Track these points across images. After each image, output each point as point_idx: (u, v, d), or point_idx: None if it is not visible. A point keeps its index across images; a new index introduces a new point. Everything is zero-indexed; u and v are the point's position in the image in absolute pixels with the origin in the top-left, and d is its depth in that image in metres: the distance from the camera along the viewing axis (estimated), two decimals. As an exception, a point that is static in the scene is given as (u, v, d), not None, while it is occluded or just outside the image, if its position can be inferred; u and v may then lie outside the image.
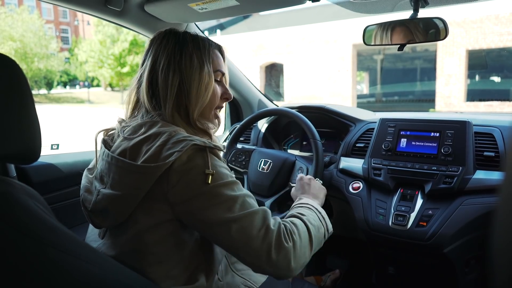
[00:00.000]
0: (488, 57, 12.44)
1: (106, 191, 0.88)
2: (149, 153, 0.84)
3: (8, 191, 0.62)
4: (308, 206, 1.07)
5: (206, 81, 0.96)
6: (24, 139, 0.65)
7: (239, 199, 0.85)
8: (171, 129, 0.88)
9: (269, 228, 0.85)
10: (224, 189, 0.84)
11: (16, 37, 25.24)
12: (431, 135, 1.43)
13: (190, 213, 0.84)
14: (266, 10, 1.56)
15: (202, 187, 0.83)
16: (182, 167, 0.82)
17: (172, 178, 0.82)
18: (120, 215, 0.86)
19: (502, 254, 0.27)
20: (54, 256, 0.57)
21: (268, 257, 0.84)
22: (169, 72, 0.94)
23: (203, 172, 0.83)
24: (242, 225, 0.83)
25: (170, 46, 0.96)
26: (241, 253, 0.85)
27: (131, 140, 0.89)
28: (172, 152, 0.82)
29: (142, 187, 0.82)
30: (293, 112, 1.63)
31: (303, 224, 0.96)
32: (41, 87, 29.35)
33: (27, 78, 0.66)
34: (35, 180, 1.43)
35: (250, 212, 0.85)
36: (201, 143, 0.85)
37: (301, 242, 0.91)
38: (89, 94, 29.42)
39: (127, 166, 0.85)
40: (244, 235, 0.83)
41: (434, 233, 1.25)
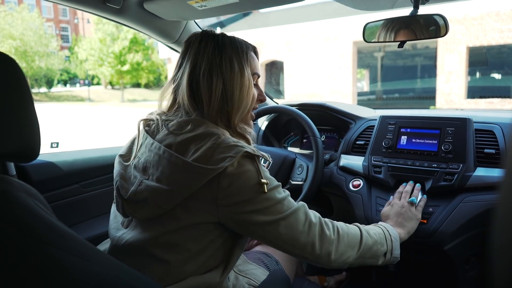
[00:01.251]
0: (488, 54, 12.42)
1: (150, 183, 0.88)
2: (199, 153, 0.85)
3: (8, 190, 0.62)
4: (378, 225, 1.13)
5: (247, 86, 0.97)
6: (24, 138, 0.65)
7: (285, 200, 0.92)
8: (219, 132, 0.90)
9: (311, 222, 0.93)
10: (274, 193, 0.90)
11: (16, 35, 25.23)
12: (432, 133, 1.43)
13: (239, 214, 0.87)
14: (266, 8, 1.55)
15: (256, 193, 0.87)
16: (234, 171, 0.84)
17: (224, 182, 0.84)
18: (160, 209, 0.87)
19: (502, 252, 0.26)
20: (54, 255, 0.57)
21: (312, 249, 0.92)
22: (212, 77, 0.93)
23: (256, 180, 0.87)
24: (289, 221, 0.90)
25: (209, 50, 0.95)
26: (288, 246, 0.92)
27: (177, 135, 0.90)
28: (225, 156, 0.84)
29: (192, 186, 0.84)
30: (293, 109, 1.63)
31: (357, 230, 1.03)
32: (41, 85, 29.37)
33: (26, 77, 0.66)
34: (35, 179, 1.43)
35: (295, 209, 0.92)
36: (251, 151, 0.87)
37: (347, 240, 0.98)
38: (89, 92, 29.43)
39: (180, 163, 0.85)
40: (291, 231, 0.90)
41: (435, 231, 1.25)
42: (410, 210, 1.24)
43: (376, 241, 1.04)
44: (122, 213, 0.95)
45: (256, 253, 1.31)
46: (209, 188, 0.84)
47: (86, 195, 1.61)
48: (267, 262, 1.25)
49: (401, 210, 1.23)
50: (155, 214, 0.88)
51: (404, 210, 1.23)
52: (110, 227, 1.03)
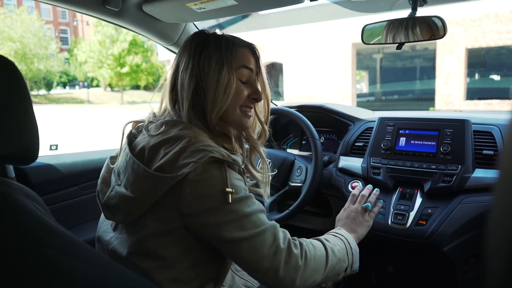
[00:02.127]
0: (487, 56, 12.43)
1: (119, 189, 0.88)
2: (165, 159, 0.82)
3: (6, 192, 0.62)
4: (340, 237, 1.07)
5: (225, 82, 0.92)
6: (22, 140, 0.65)
7: (252, 217, 0.84)
8: (192, 134, 0.86)
9: (278, 247, 0.85)
10: (239, 205, 0.83)
11: (15, 38, 25.23)
12: (430, 134, 1.43)
13: (201, 225, 0.83)
14: (265, 10, 1.55)
15: (217, 203, 0.81)
16: (196, 177, 0.81)
17: (186, 189, 0.81)
18: (130, 215, 0.86)
19: (496, 252, 0.27)
20: (53, 257, 0.57)
21: (275, 275, 0.84)
22: (186, 73, 0.92)
23: (220, 188, 0.82)
24: (253, 244, 0.83)
25: (192, 47, 0.95)
26: (249, 268, 0.86)
27: (152, 138, 0.89)
28: (188, 162, 0.80)
29: (154, 194, 0.82)
30: (292, 111, 1.63)
31: (323, 250, 0.96)
32: (40, 87, 29.37)
33: (25, 79, 0.66)
34: (34, 181, 1.43)
35: (262, 230, 0.84)
36: (219, 156, 0.82)
37: (313, 264, 0.91)
38: (89, 95, 29.43)
39: (141, 171, 0.84)
40: (254, 254, 0.83)
41: (434, 232, 1.25)
42: (362, 216, 1.20)
43: (339, 259, 0.99)
44: (105, 216, 0.94)
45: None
46: (172, 194, 0.81)
47: (85, 197, 1.61)
48: None
49: (354, 215, 1.20)
50: (129, 220, 0.87)
51: (357, 215, 1.20)
52: (99, 229, 1.02)
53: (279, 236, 0.87)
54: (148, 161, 0.85)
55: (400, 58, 15.71)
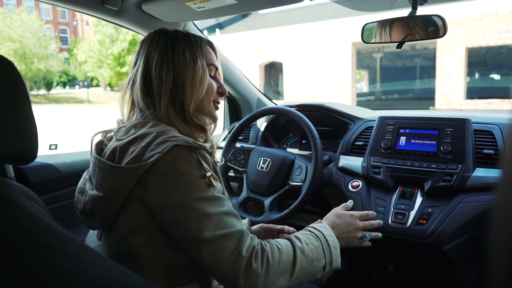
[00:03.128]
0: (487, 55, 12.44)
1: (92, 192, 0.89)
2: (133, 154, 0.83)
3: (5, 192, 0.62)
4: (316, 234, 1.00)
5: (200, 75, 0.96)
6: (21, 140, 0.65)
7: (215, 218, 0.82)
8: (159, 129, 0.86)
9: (240, 254, 0.82)
10: (201, 204, 0.81)
11: (15, 37, 25.24)
12: (430, 133, 1.43)
13: (166, 220, 0.83)
14: (264, 9, 1.55)
15: (178, 198, 0.80)
16: (164, 169, 0.80)
17: (151, 180, 0.81)
18: (104, 217, 0.87)
19: (499, 252, 0.26)
20: (52, 257, 0.57)
21: (235, 282, 0.82)
22: (162, 68, 0.93)
23: (184, 181, 0.81)
24: (214, 248, 0.81)
25: (161, 43, 0.96)
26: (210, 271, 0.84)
27: (121, 141, 0.89)
28: (154, 153, 0.80)
29: (122, 189, 0.82)
30: (292, 110, 1.63)
31: (291, 252, 0.91)
32: (40, 87, 29.38)
33: (24, 79, 0.66)
34: (33, 181, 1.43)
35: (224, 235, 0.82)
36: (184, 143, 0.82)
37: (277, 269, 0.86)
38: (89, 94, 29.43)
39: (107, 168, 0.85)
40: (214, 259, 0.81)
41: (434, 231, 1.25)
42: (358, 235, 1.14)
43: (312, 259, 0.93)
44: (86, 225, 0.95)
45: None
46: (140, 187, 0.82)
47: (85, 197, 1.61)
48: None
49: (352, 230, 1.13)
50: (104, 224, 0.89)
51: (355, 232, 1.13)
52: (87, 240, 1.02)
53: (244, 244, 0.83)
54: (118, 161, 0.86)
55: (400, 57, 15.72)
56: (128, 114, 1.01)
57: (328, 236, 1.01)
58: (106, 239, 0.93)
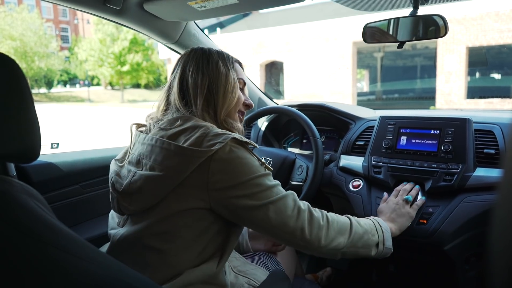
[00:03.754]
0: (488, 54, 12.42)
1: (144, 172, 0.93)
2: (190, 141, 0.90)
3: (8, 190, 0.62)
4: (370, 218, 1.16)
5: (233, 84, 1.06)
6: (24, 138, 0.65)
7: (274, 187, 0.95)
8: (207, 124, 0.96)
9: (300, 208, 0.97)
10: (264, 179, 0.94)
11: (16, 36, 25.24)
12: (431, 133, 1.43)
13: (230, 198, 0.90)
14: (265, 8, 1.55)
15: (244, 177, 0.91)
16: (224, 156, 0.89)
17: (214, 167, 0.88)
18: (154, 197, 0.90)
19: (501, 252, 0.27)
20: (54, 255, 0.57)
21: (302, 234, 0.95)
22: (198, 75, 1.03)
23: (246, 166, 0.91)
24: (278, 206, 0.93)
25: (198, 56, 1.07)
26: (277, 231, 0.95)
27: (168, 130, 0.96)
28: (214, 142, 0.89)
29: (184, 170, 0.88)
30: (293, 110, 1.63)
31: (346, 219, 1.07)
32: (41, 86, 29.39)
33: (26, 77, 0.66)
34: (35, 179, 1.43)
35: (284, 195, 0.96)
36: (239, 137, 0.93)
37: (336, 226, 1.01)
38: (89, 93, 29.45)
39: (173, 148, 0.90)
40: (280, 215, 0.93)
41: (435, 231, 1.25)
42: (403, 207, 1.26)
43: (366, 230, 1.08)
44: (118, 209, 0.98)
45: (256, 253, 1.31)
46: (200, 173, 0.88)
47: (86, 195, 1.61)
48: (267, 263, 1.25)
49: (394, 206, 1.26)
50: (150, 204, 0.91)
51: (398, 206, 1.26)
52: (109, 227, 1.07)
53: (299, 201, 0.98)
54: None
55: (401, 56, 15.70)
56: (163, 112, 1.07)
57: (379, 221, 1.15)
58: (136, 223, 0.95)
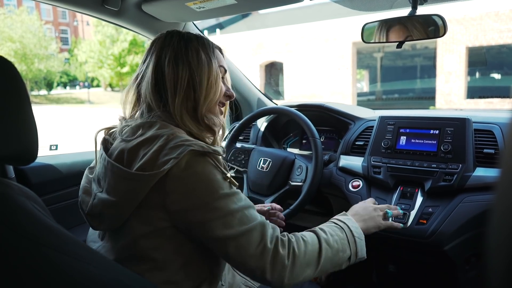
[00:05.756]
0: (488, 54, 12.42)
1: (102, 196, 0.87)
2: (145, 159, 0.81)
3: (6, 193, 0.62)
4: (340, 225, 1.01)
5: (215, 76, 0.95)
6: (21, 140, 0.65)
7: (238, 214, 0.83)
8: (169, 132, 0.85)
9: (266, 246, 0.84)
10: (224, 201, 0.82)
11: (15, 38, 25.26)
12: (431, 133, 1.43)
13: (189, 223, 0.82)
14: (264, 9, 1.55)
15: (200, 199, 0.81)
16: (179, 174, 0.80)
17: (169, 186, 0.80)
18: (115, 220, 0.85)
19: (498, 251, 0.26)
20: (53, 258, 0.57)
21: (262, 274, 0.84)
22: (177, 65, 0.91)
23: (205, 184, 0.81)
24: (240, 243, 0.82)
25: (175, 42, 0.94)
26: (237, 266, 0.86)
27: (128, 142, 0.87)
28: (169, 158, 0.79)
29: (137, 195, 0.81)
30: (292, 110, 1.63)
31: (316, 243, 0.92)
32: (41, 88, 29.39)
33: (24, 80, 0.66)
34: (34, 181, 1.43)
35: (248, 229, 0.83)
36: (199, 149, 0.81)
37: (303, 260, 0.88)
38: (89, 95, 29.44)
39: (122, 173, 0.83)
40: (240, 254, 0.82)
41: (434, 231, 1.25)
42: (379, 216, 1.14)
43: (337, 250, 0.94)
44: (91, 226, 0.93)
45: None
46: (157, 193, 0.81)
47: (86, 197, 1.61)
48: None
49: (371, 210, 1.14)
50: (114, 227, 0.86)
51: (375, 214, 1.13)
52: (88, 239, 1.02)
53: (267, 235, 0.85)
54: (128, 164, 0.84)
55: (400, 57, 15.71)
56: (131, 111, 0.99)
57: (352, 227, 1.01)
58: (112, 241, 0.91)
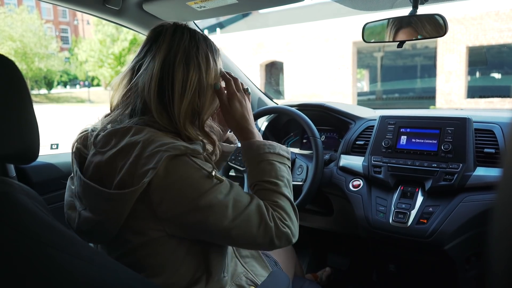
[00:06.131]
0: (488, 54, 12.41)
1: (86, 214, 0.84)
2: (123, 172, 0.78)
3: (7, 192, 0.62)
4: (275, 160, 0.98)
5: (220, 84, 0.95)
6: (23, 139, 0.65)
7: (230, 202, 0.83)
8: (144, 137, 0.80)
9: (267, 225, 0.86)
10: (213, 196, 0.81)
11: (15, 37, 25.23)
12: (431, 132, 1.43)
13: (184, 226, 0.81)
14: (265, 8, 1.55)
15: (189, 201, 0.79)
16: (162, 183, 0.77)
17: (155, 197, 0.78)
18: (106, 235, 0.83)
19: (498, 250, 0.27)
20: (54, 256, 0.57)
21: (271, 245, 0.88)
22: (188, 66, 0.87)
23: (190, 187, 0.79)
24: (241, 228, 0.83)
25: (186, 40, 0.89)
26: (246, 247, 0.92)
27: (103, 154, 0.83)
28: (147, 169, 0.76)
29: (121, 212, 0.78)
30: (292, 110, 1.63)
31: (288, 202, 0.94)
32: (41, 87, 29.38)
33: (25, 78, 0.66)
34: (34, 180, 1.43)
35: (245, 214, 0.84)
36: (176, 152, 0.78)
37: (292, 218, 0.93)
38: (90, 94, 29.42)
39: (100, 193, 0.80)
40: (245, 237, 0.84)
41: (435, 231, 1.25)
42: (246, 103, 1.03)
43: (288, 180, 0.98)
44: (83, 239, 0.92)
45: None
46: (143, 205, 0.78)
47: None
48: (266, 263, 1.24)
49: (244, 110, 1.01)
50: (107, 239, 0.84)
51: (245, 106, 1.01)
52: None
53: (265, 213, 0.87)
54: (107, 179, 0.82)
55: (400, 56, 15.69)
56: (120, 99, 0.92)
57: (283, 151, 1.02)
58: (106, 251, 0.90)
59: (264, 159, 0.97)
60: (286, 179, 0.97)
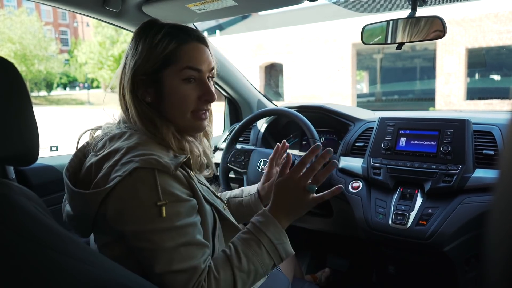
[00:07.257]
0: (487, 56, 12.43)
1: (67, 208, 0.91)
2: (101, 174, 0.81)
3: (6, 194, 0.62)
4: (258, 237, 0.86)
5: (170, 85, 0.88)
6: (22, 141, 0.65)
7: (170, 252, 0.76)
8: (131, 143, 0.81)
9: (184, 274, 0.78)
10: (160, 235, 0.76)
11: (15, 39, 25.24)
12: (431, 134, 1.43)
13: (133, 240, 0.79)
14: (264, 10, 1.56)
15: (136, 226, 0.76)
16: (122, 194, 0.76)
17: (110, 204, 0.78)
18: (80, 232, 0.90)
19: (496, 252, 0.27)
20: (54, 258, 0.57)
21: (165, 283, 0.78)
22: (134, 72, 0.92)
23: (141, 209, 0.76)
24: (162, 281, 0.76)
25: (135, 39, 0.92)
26: None
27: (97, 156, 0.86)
28: (116, 176, 0.77)
29: (88, 211, 0.81)
30: (292, 112, 1.63)
31: (229, 277, 0.80)
32: (41, 89, 29.38)
33: (25, 80, 0.66)
34: (34, 182, 1.43)
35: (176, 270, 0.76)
36: (146, 165, 0.76)
37: None
38: (89, 96, 29.41)
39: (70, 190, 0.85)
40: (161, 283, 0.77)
41: (434, 232, 1.25)
42: (304, 196, 0.94)
43: (256, 269, 0.83)
44: None
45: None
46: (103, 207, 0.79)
47: (86, 198, 1.61)
48: None
49: (295, 197, 0.93)
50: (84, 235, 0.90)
51: (298, 197, 0.93)
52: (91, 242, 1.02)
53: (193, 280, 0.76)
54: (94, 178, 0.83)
55: (400, 58, 15.72)
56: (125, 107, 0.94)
57: (271, 234, 0.86)
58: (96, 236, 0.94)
59: (261, 240, 0.85)
60: (254, 271, 0.83)
